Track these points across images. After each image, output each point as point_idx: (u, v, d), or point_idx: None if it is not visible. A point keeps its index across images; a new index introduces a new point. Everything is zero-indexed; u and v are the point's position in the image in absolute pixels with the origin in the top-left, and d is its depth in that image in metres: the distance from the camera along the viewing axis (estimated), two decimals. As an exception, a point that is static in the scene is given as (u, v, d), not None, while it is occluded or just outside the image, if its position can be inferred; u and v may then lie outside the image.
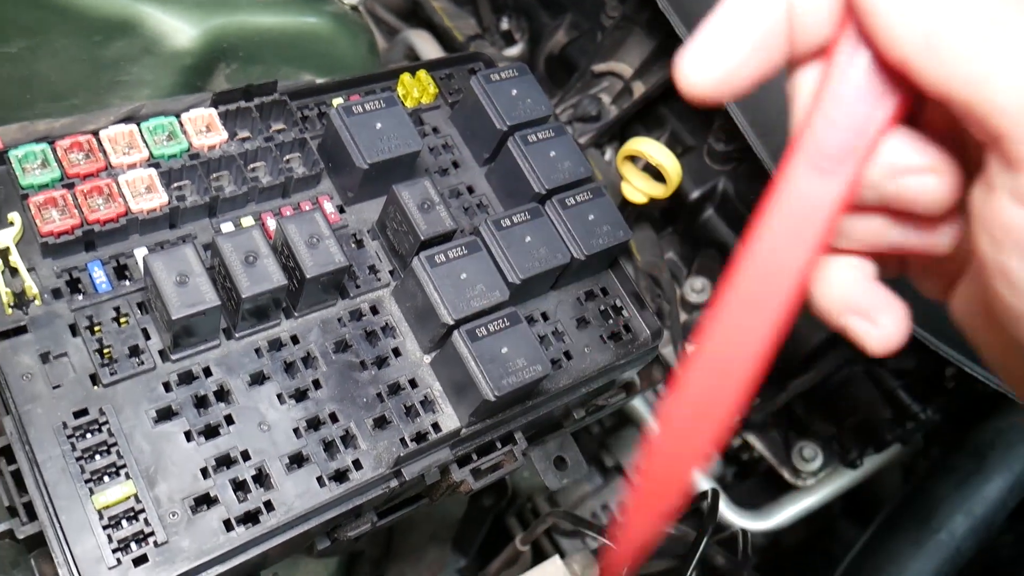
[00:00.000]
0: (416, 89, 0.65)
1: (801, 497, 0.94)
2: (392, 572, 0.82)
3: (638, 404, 0.96)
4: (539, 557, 0.80)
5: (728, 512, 0.91)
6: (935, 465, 0.89)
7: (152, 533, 0.46)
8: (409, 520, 0.86)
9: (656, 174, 0.80)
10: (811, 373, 0.81)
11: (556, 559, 0.72)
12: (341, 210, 0.59)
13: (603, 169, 0.92)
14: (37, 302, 0.49)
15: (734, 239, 0.90)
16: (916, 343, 0.67)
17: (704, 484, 0.92)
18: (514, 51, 1.04)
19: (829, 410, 0.85)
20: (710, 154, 0.90)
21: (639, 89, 0.87)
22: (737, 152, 0.88)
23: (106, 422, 0.48)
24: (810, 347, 0.81)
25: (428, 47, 1.08)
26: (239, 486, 0.49)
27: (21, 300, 0.49)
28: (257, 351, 0.53)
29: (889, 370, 0.82)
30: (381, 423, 0.53)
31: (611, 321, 0.63)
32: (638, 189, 0.81)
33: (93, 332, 0.50)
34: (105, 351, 0.50)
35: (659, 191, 0.80)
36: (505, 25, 1.05)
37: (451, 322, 0.53)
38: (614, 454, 1.07)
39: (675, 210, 0.94)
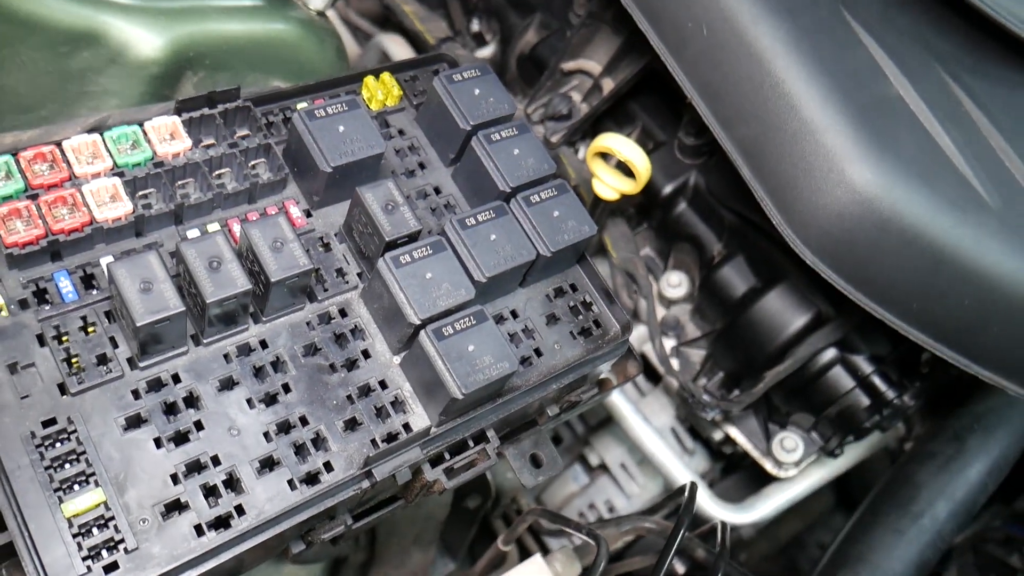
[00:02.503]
0: (380, 92, 0.65)
1: (784, 488, 0.94)
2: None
3: (620, 402, 0.96)
4: (526, 556, 0.80)
5: (712, 506, 0.92)
6: (915, 451, 0.89)
7: (122, 540, 0.46)
8: (392, 523, 0.87)
9: (627, 170, 0.81)
10: (787, 362, 0.81)
11: (537, 557, 0.73)
12: (308, 214, 0.60)
13: (576, 167, 0.92)
14: (3, 313, 0.50)
15: (707, 233, 0.90)
16: (891, 329, 0.68)
17: (684, 478, 0.92)
18: (486, 52, 1.05)
19: (807, 400, 0.85)
20: (681, 148, 0.90)
21: (608, 86, 0.88)
22: (707, 145, 0.88)
23: (75, 431, 0.48)
24: (785, 336, 0.81)
25: (401, 51, 1.08)
26: (210, 491, 0.49)
27: (-13, 312, 0.49)
28: (226, 357, 0.53)
29: (865, 357, 0.83)
30: (352, 425, 0.54)
31: (581, 317, 0.63)
32: (609, 185, 0.81)
33: (60, 342, 0.50)
34: (73, 360, 0.50)
35: (629, 187, 0.81)
36: (476, 27, 1.06)
37: (417, 322, 0.53)
38: (599, 452, 1.08)
39: (649, 206, 0.94)
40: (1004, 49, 0.77)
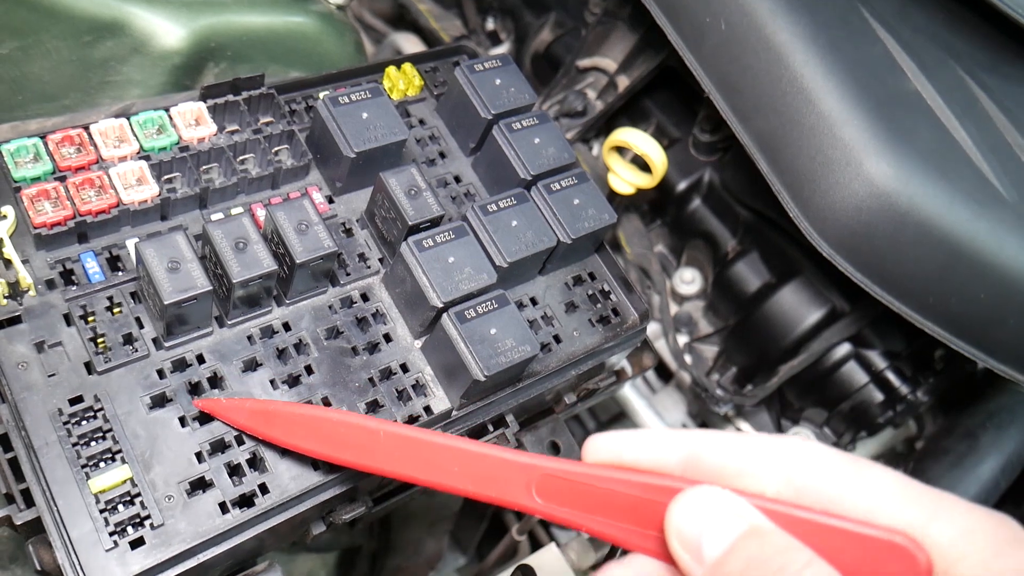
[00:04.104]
0: (402, 82, 0.66)
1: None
2: (390, 566, 0.82)
3: (632, 397, 0.96)
4: (537, 548, 0.80)
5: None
6: (928, 448, 0.89)
7: (148, 516, 0.47)
8: (406, 513, 0.87)
9: (642, 165, 0.81)
10: (801, 356, 0.81)
11: (552, 546, 0.73)
12: (330, 200, 0.60)
13: (591, 164, 0.93)
14: (31, 293, 0.50)
15: (721, 229, 0.91)
16: (905, 324, 0.68)
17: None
18: (500, 51, 1.05)
19: (820, 394, 0.85)
20: (695, 145, 0.91)
21: (623, 83, 0.89)
22: (722, 142, 0.89)
23: (101, 409, 0.48)
24: (799, 331, 0.82)
25: (415, 50, 1.09)
26: (234, 470, 0.50)
27: (15, 291, 0.50)
28: (249, 338, 0.53)
29: (879, 353, 0.83)
30: (373, 407, 0.54)
31: (599, 305, 0.63)
32: (625, 180, 0.82)
33: (87, 321, 0.50)
34: (99, 340, 0.50)
35: (645, 181, 0.81)
36: (491, 25, 1.07)
37: (440, 305, 0.54)
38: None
39: (663, 202, 0.95)
40: (1020, 47, 0.77)
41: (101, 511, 0.46)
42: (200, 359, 0.52)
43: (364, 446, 0.43)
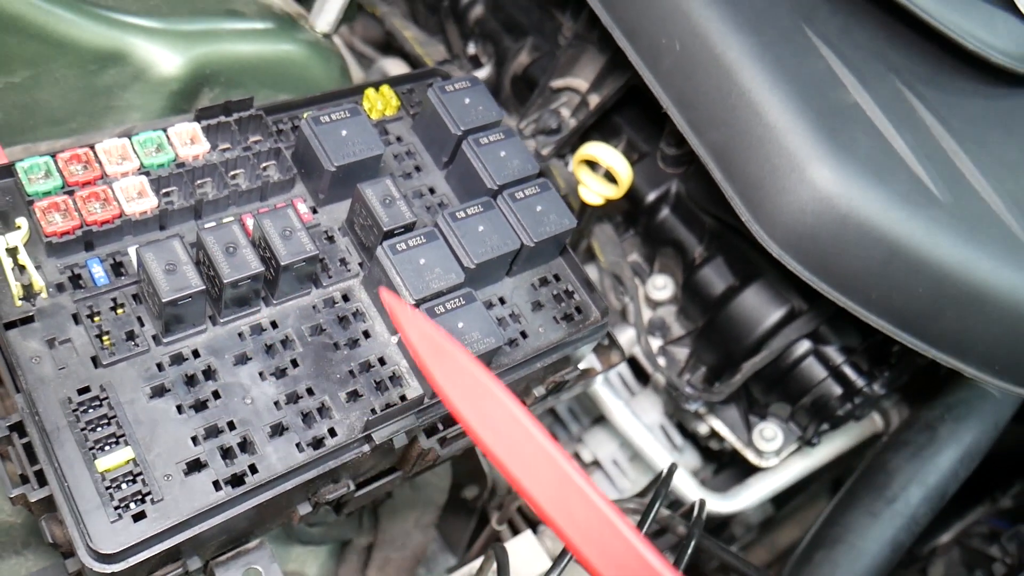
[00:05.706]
0: (380, 102, 0.72)
1: (767, 478, 0.99)
2: (378, 557, 0.87)
3: (610, 399, 1.01)
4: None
5: (697, 494, 0.96)
6: (890, 440, 0.94)
7: (149, 492, 0.52)
8: (393, 508, 0.92)
9: (612, 178, 0.87)
10: (763, 353, 0.86)
11: (528, 533, 0.78)
12: (314, 211, 0.66)
13: (566, 178, 0.98)
14: (43, 295, 0.56)
15: (689, 236, 0.96)
16: (859, 321, 0.73)
17: (667, 461, 0.97)
18: (482, 74, 1.11)
19: (783, 390, 0.90)
20: (663, 159, 0.96)
21: (594, 101, 0.94)
22: (687, 155, 0.94)
23: (106, 398, 0.54)
24: (761, 330, 0.87)
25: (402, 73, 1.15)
26: (226, 452, 0.55)
27: (29, 293, 0.55)
28: (240, 335, 0.59)
29: (836, 348, 0.88)
30: (353, 396, 0.59)
31: (563, 304, 0.69)
32: (594, 191, 0.88)
33: (93, 320, 0.56)
34: (104, 337, 0.56)
35: (613, 192, 0.87)
36: (472, 50, 1.13)
37: (412, 302, 0.59)
38: (592, 449, 1.13)
39: (634, 213, 1.00)
40: (956, 61, 0.83)
41: (107, 488, 0.51)
42: (195, 354, 0.57)
43: (505, 434, 0.41)
